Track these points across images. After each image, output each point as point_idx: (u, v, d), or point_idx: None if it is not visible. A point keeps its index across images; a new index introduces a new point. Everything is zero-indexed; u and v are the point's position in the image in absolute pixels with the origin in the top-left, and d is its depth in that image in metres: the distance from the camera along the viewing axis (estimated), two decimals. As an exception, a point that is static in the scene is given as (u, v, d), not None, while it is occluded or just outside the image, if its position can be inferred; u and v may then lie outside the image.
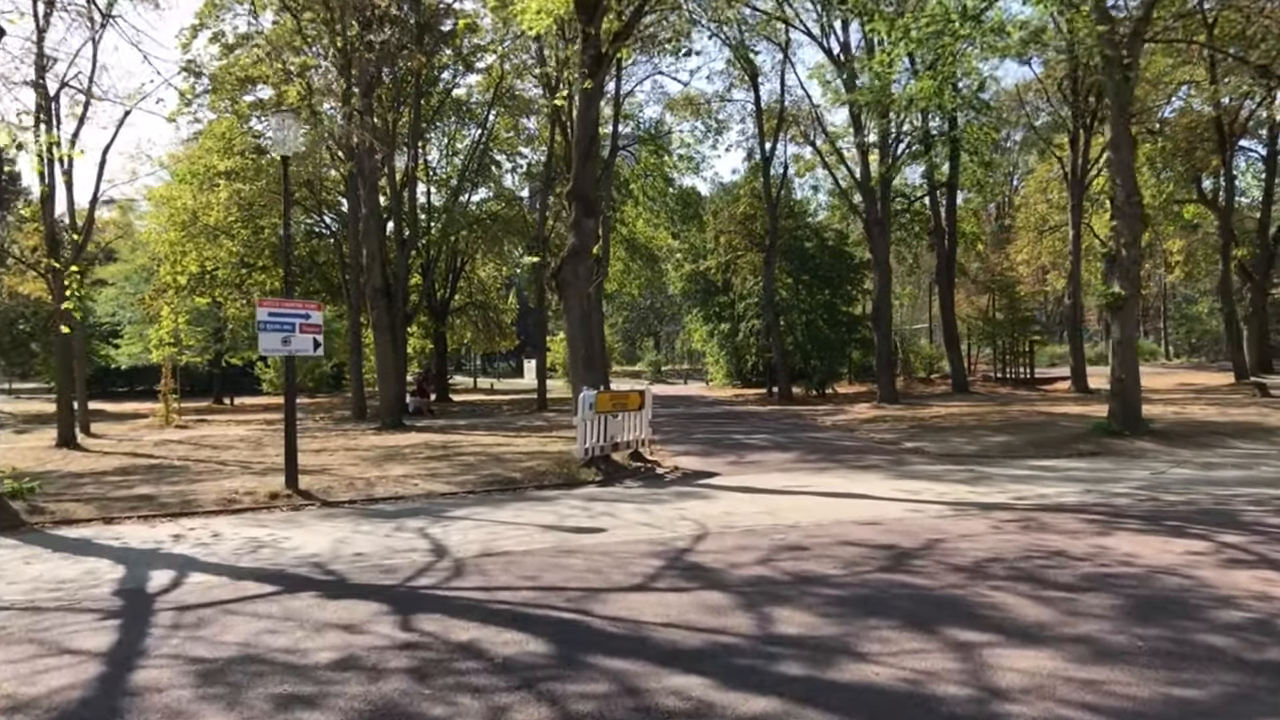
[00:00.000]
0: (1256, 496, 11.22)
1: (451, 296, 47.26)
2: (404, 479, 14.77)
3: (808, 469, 15.37)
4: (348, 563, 8.64)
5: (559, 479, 14.31)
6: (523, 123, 44.90)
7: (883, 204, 32.84)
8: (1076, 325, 36.06)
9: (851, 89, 32.50)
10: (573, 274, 14.71)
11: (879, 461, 16.39)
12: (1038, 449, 17.59)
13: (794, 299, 40.90)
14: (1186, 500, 11.08)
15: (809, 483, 13.54)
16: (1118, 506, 10.73)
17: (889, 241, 34.67)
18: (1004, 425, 22.09)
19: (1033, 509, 10.65)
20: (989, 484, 13.02)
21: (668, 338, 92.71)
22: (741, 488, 13.17)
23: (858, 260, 42.75)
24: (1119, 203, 18.28)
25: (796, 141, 41.88)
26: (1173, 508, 10.53)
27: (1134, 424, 18.22)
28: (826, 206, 46.01)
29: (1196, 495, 11.48)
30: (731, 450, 18.76)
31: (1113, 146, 18.26)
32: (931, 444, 19.17)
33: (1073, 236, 35.40)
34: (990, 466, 15.25)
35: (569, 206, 14.91)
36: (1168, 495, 11.51)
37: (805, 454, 17.73)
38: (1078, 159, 35.32)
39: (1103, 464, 15.37)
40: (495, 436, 23.35)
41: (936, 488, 12.67)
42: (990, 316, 44.51)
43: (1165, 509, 10.44)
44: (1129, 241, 18.15)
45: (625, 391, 15.46)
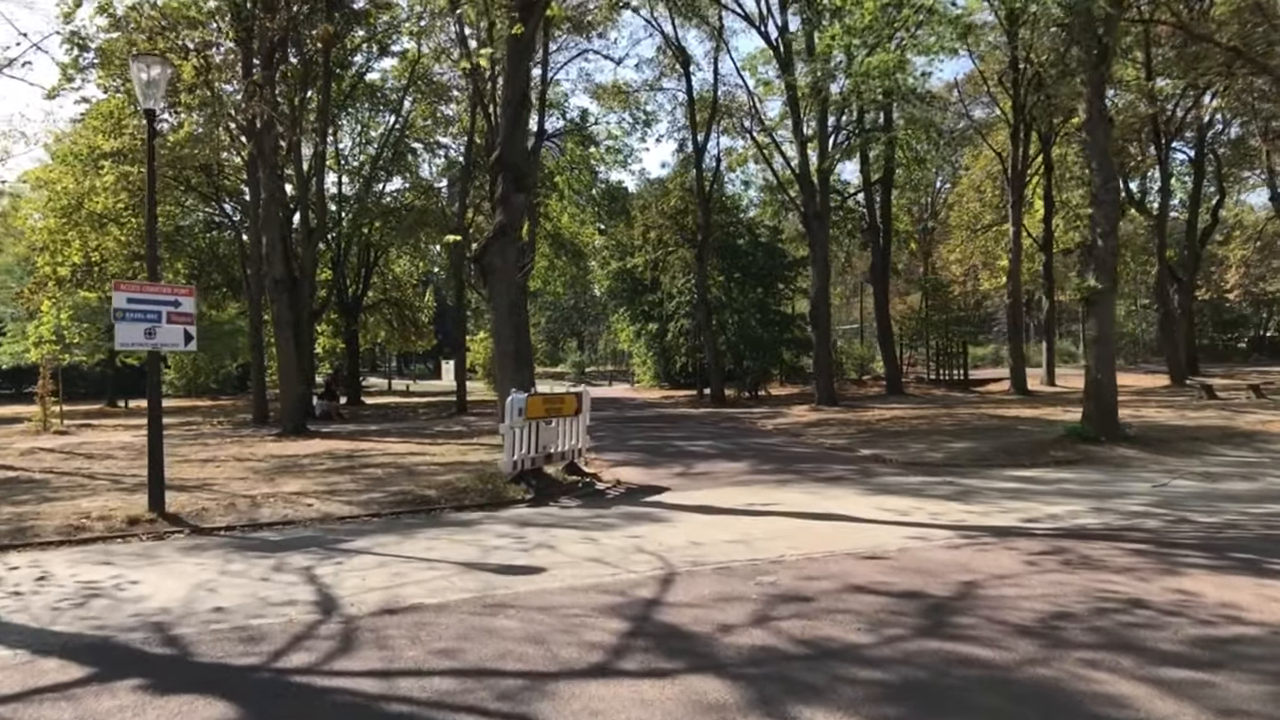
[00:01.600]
0: (1298, 516, 9.69)
1: (364, 293, 44.56)
2: (296, 497, 12.48)
3: (767, 482, 13.49)
4: (201, 624, 6.45)
5: (482, 497, 12.18)
6: (441, 110, 42.41)
7: (822, 198, 31.29)
8: (1016, 325, 35.04)
9: (789, 73, 30.91)
10: (500, 257, 12.62)
11: (843, 472, 14.61)
12: (1011, 457, 16.01)
13: (726, 297, 39.24)
14: (1226, 522, 9.46)
15: (774, 500, 11.65)
16: (1153, 531, 9.04)
17: (828, 236, 33.14)
18: (961, 430, 20.58)
19: (1056, 534, 8.91)
20: (981, 500, 11.29)
21: (591, 338, 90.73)
22: (698, 506, 11.22)
23: (791, 257, 41.30)
24: (1095, 189, 16.85)
25: (729, 134, 40.25)
26: (1220, 533, 8.88)
27: (1111, 429, 16.79)
28: (758, 202, 44.42)
29: (1229, 515, 9.89)
30: (675, 459, 16.81)
31: (1088, 128, 16.82)
32: (890, 451, 17.48)
33: (1013, 234, 34.37)
34: (970, 478, 13.57)
35: (495, 179, 12.82)
36: (1196, 515, 9.89)
37: (758, 464, 15.87)
38: (1018, 154, 34.29)
39: (1090, 474, 13.81)
40: (409, 444, 21.05)
41: (925, 506, 10.89)
42: (924, 316, 43.47)
43: (1213, 535, 8.79)
44: (1106, 231, 16.71)
45: (560, 394, 13.41)
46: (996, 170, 44.00)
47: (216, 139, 30.61)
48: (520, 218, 13.10)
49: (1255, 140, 44.53)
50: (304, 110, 30.66)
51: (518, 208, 12.81)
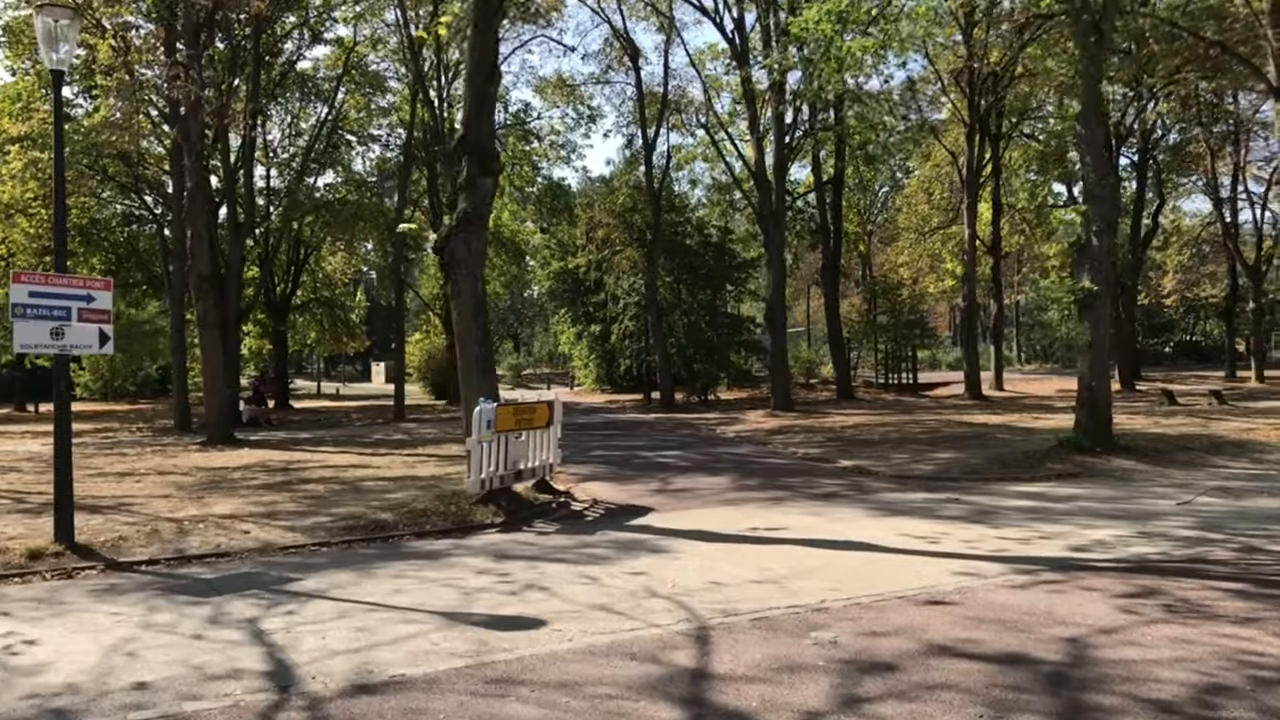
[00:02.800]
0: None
1: (293, 292, 42.39)
2: (230, 521, 10.89)
3: (758, 500, 12.25)
4: (119, 710, 4.97)
5: (446, 520, 10.71)
6: (376, 102, 40.49)
7: (778, 196, 30.24)
8: (971, 329, 34.45)
9: (744, 67, 29.85)
10: (465, 249, 11.16)
11: (835, 488, 13.45)
12: (1005, 469, 15.02)
13: (675, 298, 38.04)
14: (1298, 550, 8.47)
15: (777, 523, 10.40)
16: (1231, 564, 8.00)
17: (784, 236, 32.13)
18: (936, 439, 19.61)
19: (1125, 569, 7.80)
20: (1005, 523, 10.18)
21: (526, 340, 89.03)
22: (695, 532, 9.91)
23: (741, 258, 40.28)
24: (1090, 184, 15.96)
25: (678, 130, 39.08)
26: (1305, 565, 7.87)
27: (1106, 439, 15.90)
28: (706, 201, 43.36)
29: (1291, 540, 8.92)
30: (648, 473, 15.50)
31: (1082, 121, 15.92)
32: (872, 462, 16.40)
33: (968, 236, 33.74)
34: (974, 494, 12.49)
35: (459, 162, 11.37)
36: (1258, 541, 8.88)
37: (739, 478, 14.63)
38: (973, 155, 33.69)
39: (1100, 489, 12.84)
40: (349, 455, 19.42)
41: (949, 530, 9.74)
42: (872, 319, 42.80)
43: (1300, 568, 7.77)
44: (1101, 228, 15.82)
45: (531, 404, 12.00)
46: (945, 172, 43.60)
47: (136, 125, 28.44)
48: (488, 205, 11.66)
49: (1195, 145, 44.78)
50: (232, 97, 28.69)
51: (485, 193, 11.37)
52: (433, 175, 38.47)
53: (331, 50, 37.78)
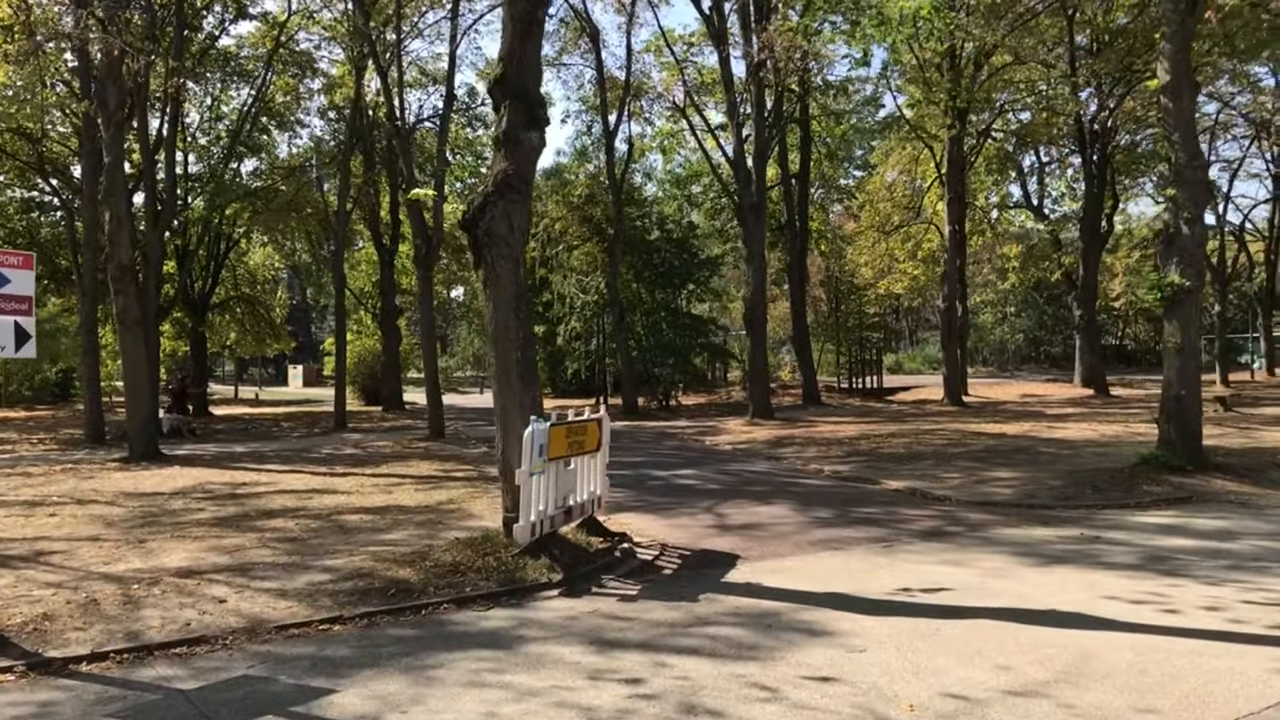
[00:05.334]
0: None
1: (213, 288, 38.75)
2: (194, 581, 8.14)
3: (856, 541, 9.89)
4: None
5: (488, 579, 8.09)
6: (307, 84, 37.21)
7: (758, 186, 28.03)
8: (952, 331, 32.71)
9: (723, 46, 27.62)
10: (505, 223, 8.58)
11: (932, 522, 11.16)
12: (1100, 494, 12.94)
13: (635, 297, 35.60)
14: None
15: (921, 579, 8.07)
16: None
17: (765, 230, 29.96)
18: (975, 455, 17.52)
19: None
20: (1204, 574, 8.04)
21: (449, 341, 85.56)
22: (832, 597, 7.52)
23: (704, 255, 38.06)
24: (1179, 165, 13.99)
25: (638, 118, 36.65)
26: None
27: (1198, 456, 13.94)
28: (662, 195, 41.12)
29: None
30: (682, 500, 13.04)
31: (1171, 94, 13.94)
32: (924, 483, 14.22)
33: (950, 233, 32.01)
34: (1109, 529, 10.33)
35: (498, 109, 8.78)
36: None
37: (800, 507, 12.25)
38: (956, 148, 32.00)
39: (1244, 520, 10.87)
40: (304, 475, 16.54)
41: (1165, 592, 7.50)
42: (836, 321, 41.00)
43: None
44: (1193, 215, 13.88)
45: (581, 422, 9.45)
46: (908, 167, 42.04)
47: (40, 96, 24.93)
48: (533, 166, 9.08)
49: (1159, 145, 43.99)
50: (150, 71, 25.33)
51: (530, 151, 8.79)
52: (370, 163, 35.43)
53: (258, 27, 34.48)
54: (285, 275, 59.78)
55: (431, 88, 38.84)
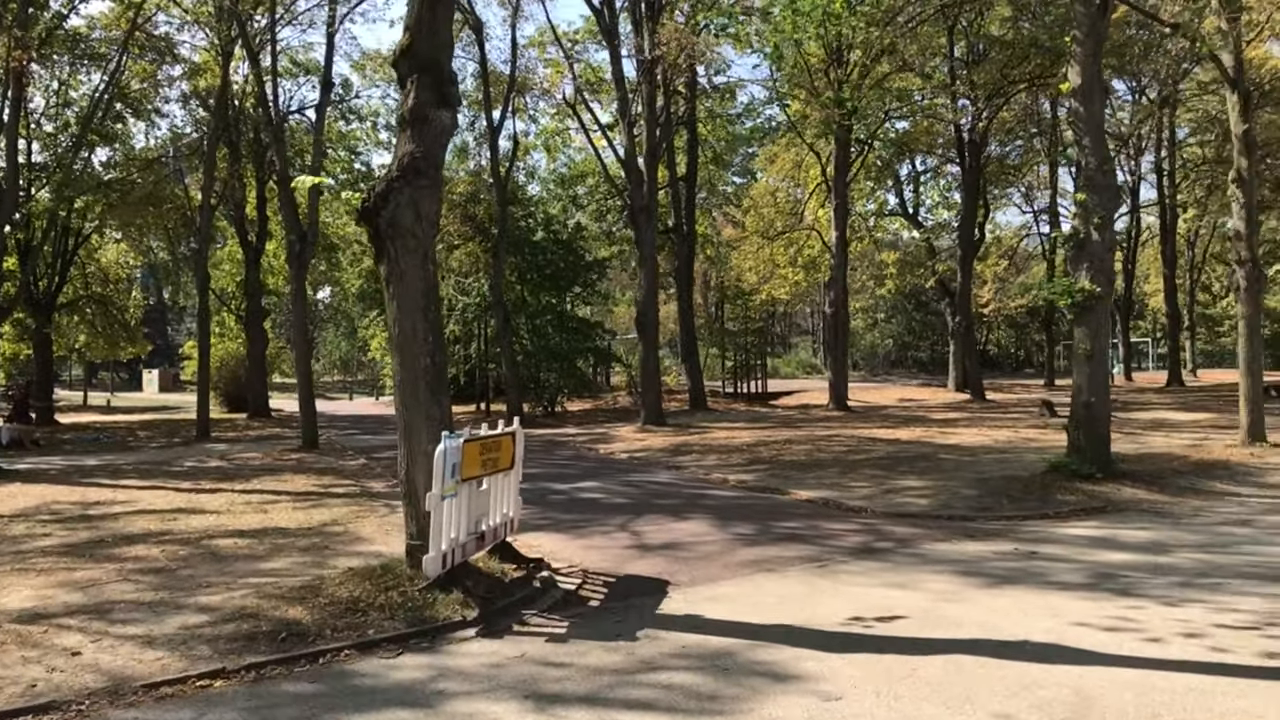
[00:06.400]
0: None
1: (61, 287, 35.95)
2: (38, 627, 6.89)
3: (788, 561, 9.23)
4: None
5: (394, 618, 7.06)
6: (167, 71, 34.88)
7: (650, 187, 27.42)
8: (838, 335, 32.74)
9: (614, 42, 26.92)
10: (411, 212, 7.58)
11: (859, 538, 10.60)
12: (1015, 502, 12.69)
13: (520, 300, 34.54)
14: None
15: (871, 605, 7.44)
16: None
17: (656, 231, 29.35)
18: (879, 462, 17.20)
19: None
20: (1158, 592, 7.67)
21: (323, 343, 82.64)
22: (784, 631, 6.82)
23: (590, 257, 37.26)
24: (1089, 171, 13.92)
25: (521, 115, 35.63)
26: None
27: (1105, 463, 13.88)
28: (546, 195, 40.19)
29: None
30: (592, 517, 12.19)
31: (1082, 97, 13.87)
32: (834, 493, 13.77)
33: (836, 238, 32.03)
34: (1041, 543, 9.98)
35: (404, 84, 7.78)
36: None
37: (718, 523, 11.54)
38: (842, 155, 32.07)
39: (1163, 530, 10.68)
40: (167, 492, 15.04)
41: (1130, 615, 7.05)
42: (721, 325, 40.76)
43: None
44: (1103, 221, 13.82)
45: (496, 436, 8.50)
46: (792, 173, 42.23)
47: None
48: (443, 149, 8.10)
49: (1033, 156, 45.42)
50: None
51: (440, 132, 7.82)
52: (236, 155, 33.43)
53: (112, 7, 32.08)
54: (141, 274, 56.35)
55: (304, 78, 37.01)
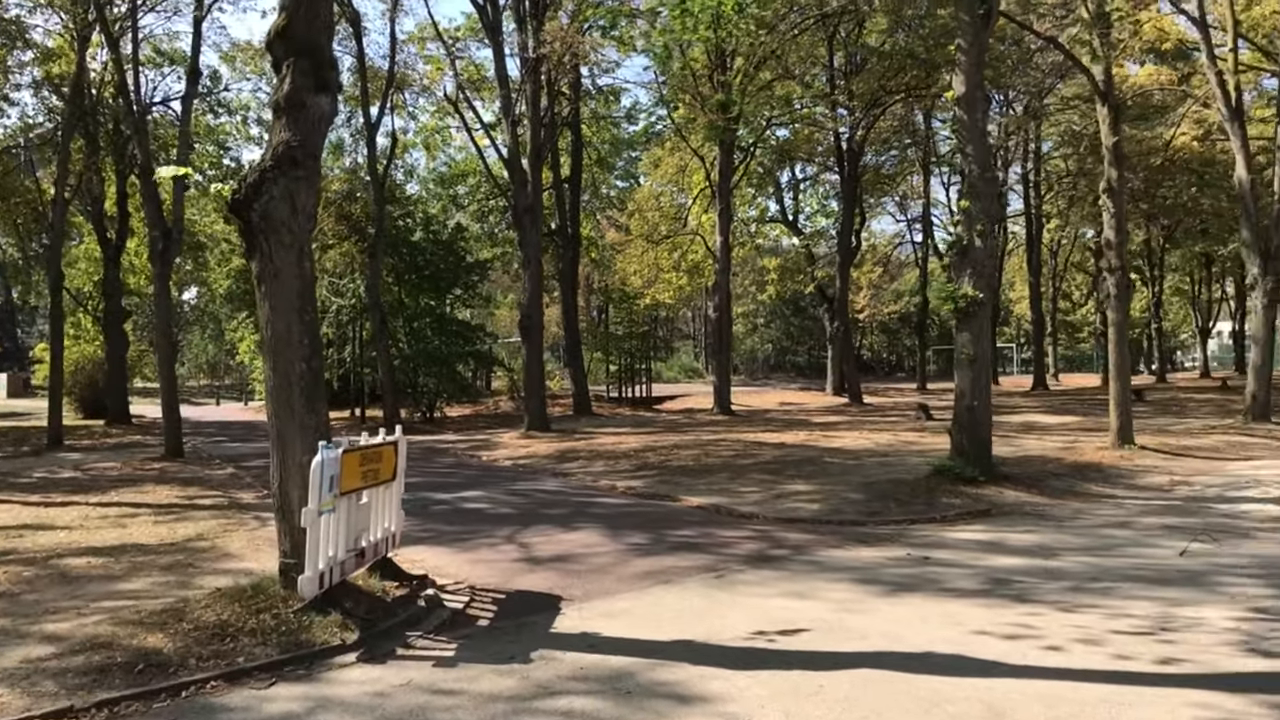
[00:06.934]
0: None
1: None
2: None
3: (685, 571, 8.97)
4: None
5: (266, 644, 6.50)
6: (17, 56, 32.73)
7: (534, 188, 26.97)
8: (723, 340, 32.86)
9: (498, 39, 26.41)
10: (287, 205, 7.02)
11: (753, 545, 10.42)
12: (902, 506, 12.76)
13: (397, 302, 33.58)
14: None
15: (771, 617, 7.24)
16: None
17: (541, 234, 28.89)
18: (766, 467, 17.15)
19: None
20: (1049, 597, 7.70)
21: (188, 346, 79.07)
22: (685, 647, 6.54)
23: (471, 258, 36.53)
24: (972, 178, 14.13)
25: (400, 112, 34.70)
26: None
27: (987, 465, 14.12)
28: (425, 194, 39.31)
29: None
30: (477, 529, 11.69)
31: (965, 105, 14.06)
32: (725, 499, 13.62)
33: (720, 243, 32.14)
34: (934, 549, 9.98)
35: (280, 68, 7.22)
36: None
37: (609, 532, 11.21)
38: (727, 159, 32.22)
39: (1048, 533, 10.84)
40: (12, 506, 13.96)
41: (1030, 622, 7.02)
42: (605, 329, 40.53)
43: None
44: (985, 228, 14.05)
45: (377, 445, 7.98)
46: (675, 178, 42.34)
47: None
48: (322, 137, 7.54)
49: (908, 166, 46.65)
50: None
51: (318, 119, 7.27)
52: (94, 147, 31.61)
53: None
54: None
55: (169, 68, 35.20)
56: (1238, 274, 56.87)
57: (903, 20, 34.43)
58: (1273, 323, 23.00)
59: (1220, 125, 29.67)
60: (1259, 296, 22.86)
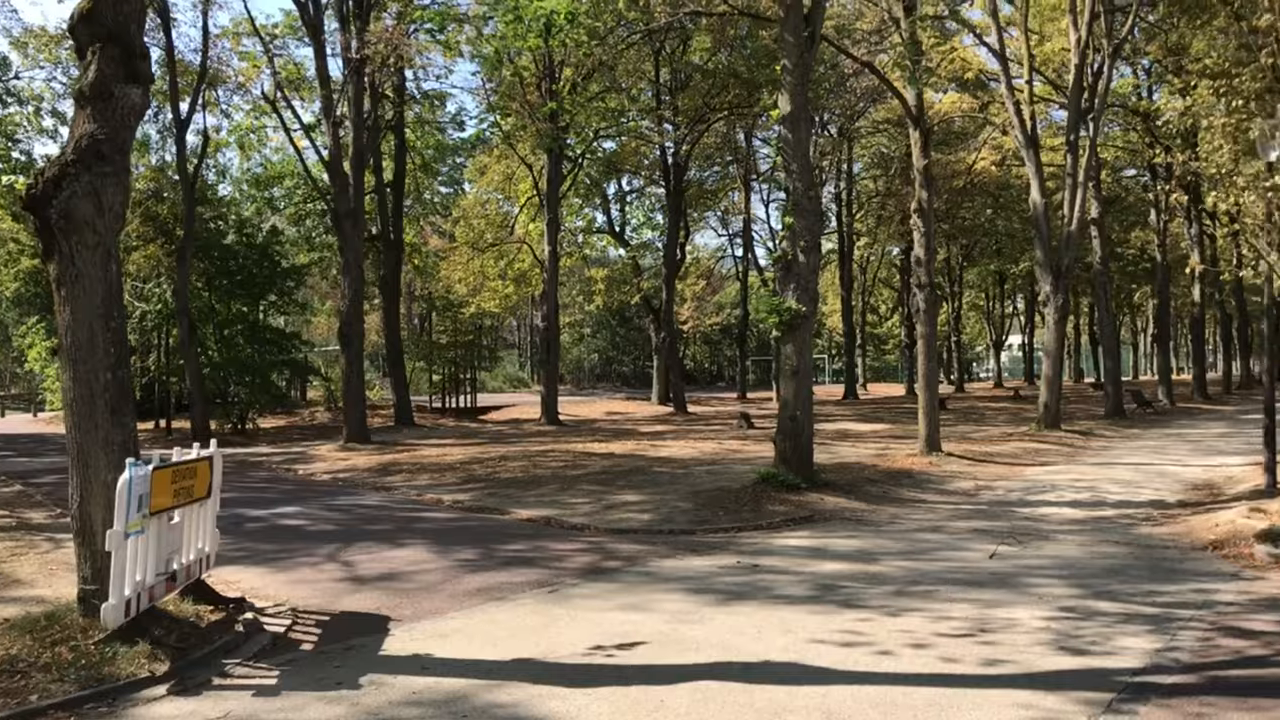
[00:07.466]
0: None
1: None
2: None
3: (518, 587, 8.81)
4: None
5: (61, 679, 5.92)
6: None
7: (356, 191, 26.13)
8: (550, 350, 32.74)
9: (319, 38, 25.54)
10: (91, 203, 6.46)
11: (587, 557, 10.37)
12: (732, 515, 13.00)
13: (207, 308, 31.86)
14: None
15: (607, 631, 7.20)
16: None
17: (363, 239, 28.00)
18: (596, 477, 17.12)
19: (1181, 693, 5.82)
20: (873, 602, 7.99)
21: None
22: (522, 667, 6.40)
23: (287, 263, 35.08)
24: (796, 195, 14.57)
25: (212, 110, 33.02)
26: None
27: (809, 473, 14.58)
28: (239, 196, 37.56)
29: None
30: (296, 547, 11.14)
31: (790, 124, 14.49)
32: (555, 511, 13.58)
33: (548, 252, 32.05)
34: (762, 556, 10.21)
35: (84, 55, 6.65)
36: (1246, 623, 7.51)
37: (438, 548, 10.90)
38: (555, 168, 32.19)
39: (868, 538, 11.28)
40: None
41: (859, 629, 7.23)
42: (429, 338, 39.72)
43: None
44: (809, 244, 14.51)
45: (190, 461, 7.44)
46: (502, 185, 41.98)
47: None
48: (131, 131, 6.99)
49: (730, 182, 47.80)
50: None
51: (128, 111, 6.74)
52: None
53: None
54: None
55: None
56: (1028, 291, 61.31)
57: (726, 40, 35.37)
58: (1063, 337, 24.78)
59: (1016, 152, 31.85)
60: (1051, 312, 24.58)
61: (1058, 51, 32.99)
